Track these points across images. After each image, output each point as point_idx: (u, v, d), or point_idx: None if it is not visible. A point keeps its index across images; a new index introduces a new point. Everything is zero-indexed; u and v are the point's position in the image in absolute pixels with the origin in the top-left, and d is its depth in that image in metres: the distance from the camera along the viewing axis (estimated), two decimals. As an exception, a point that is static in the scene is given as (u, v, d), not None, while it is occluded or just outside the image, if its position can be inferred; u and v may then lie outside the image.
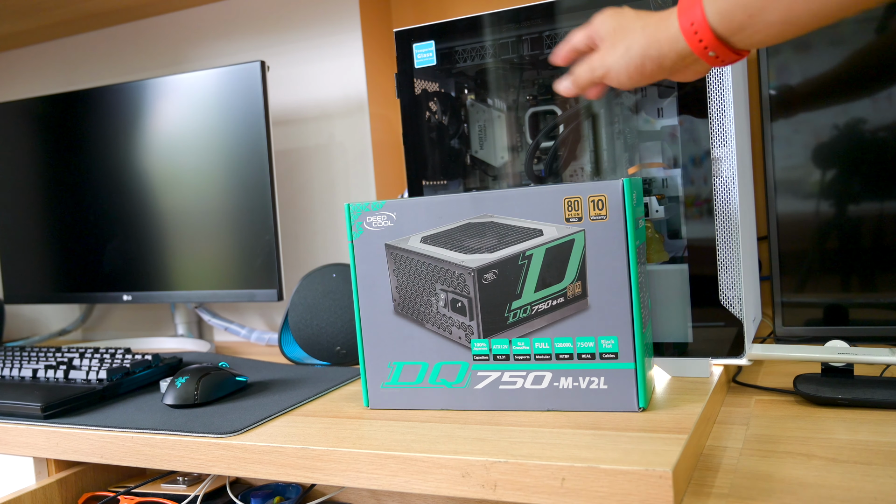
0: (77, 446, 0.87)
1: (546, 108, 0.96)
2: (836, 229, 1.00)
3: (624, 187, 0.71)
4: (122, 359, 1.08)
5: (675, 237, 0.87)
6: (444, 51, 0.95)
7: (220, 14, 1.45)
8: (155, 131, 1.37)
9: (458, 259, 0.78)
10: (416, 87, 0.97)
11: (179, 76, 1.33)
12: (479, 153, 1.00)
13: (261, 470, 0.76)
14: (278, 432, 0.78)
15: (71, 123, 1.45)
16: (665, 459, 0.60)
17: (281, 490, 1.00)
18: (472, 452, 0.66)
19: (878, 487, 0.59)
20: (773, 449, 0.69)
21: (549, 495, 0.62)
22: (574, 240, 0.74)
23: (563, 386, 0.75)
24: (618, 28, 0.64)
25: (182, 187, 1.35)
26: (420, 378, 0.81)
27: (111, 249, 1.44)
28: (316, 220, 1.41)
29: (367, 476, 0.70)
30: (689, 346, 0.84)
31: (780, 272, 1.03)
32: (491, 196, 0.77)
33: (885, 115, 0.97)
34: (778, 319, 1.04)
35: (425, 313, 0.80)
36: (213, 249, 1.33)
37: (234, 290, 1.31)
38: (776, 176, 1.02)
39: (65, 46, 1.63)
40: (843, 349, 0.82)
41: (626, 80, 0.64)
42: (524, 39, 0.91)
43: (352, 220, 0.82)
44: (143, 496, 0.98)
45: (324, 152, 1.39)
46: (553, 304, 0.75)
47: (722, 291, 0.81)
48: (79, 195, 1.46)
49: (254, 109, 1.26)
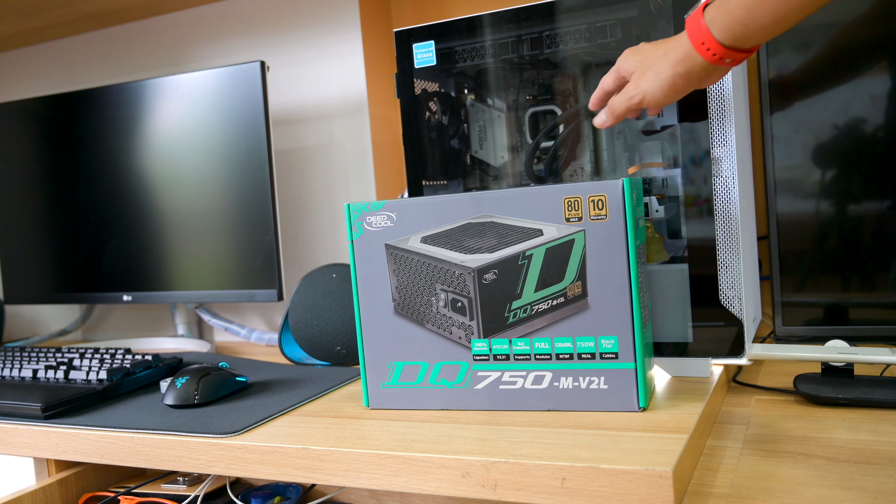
0: (77, 446, 0.87)
1: (546, 107, 0.96)
2: (836, 229, 1.00)
3: (624, 187, 0.72)
4: (122, 359, 1.08)
5: (675, 237, 0.87)
6: (443, 51, 0.95)
7: (220, 14, 1.45)
8: (155, 131, 1.37)
9: (459, 259, 0.78)
10: (415, 87, 0.97)
11: (179, 76, 1.33)
12: (478, 153, 1.00)
13: (261, 470, 0.76)
14: (278, 432, 0.78)
15: (71, 124, 1.45)
16: (665, 459, 0.60)
17: (281, 490, 1.00)
18: (473, 452, 0.66)
19: (878, 487, 0.59)
20: (773, 449, 0.69)
21: (549, 495, 0.62)
22: (574, 240, 0.74)
23: (564, 386, 0.75)
24: (641, 60, 0.72)
25: (182, 187, 1.35)
26: (420, 378, 0.81)
27: (111, 249, 1.44)
28: (316, 220, 1.41)
29: (367, 476, 0.70)
30: (689, 345, 0.84)
31: (780, 272, 1.03)
32: (491, 196, 0.77)
33: (885, 114, 0.97)
34: (778, 319, 1.04)
35: (425, 313, 0.80)
36: (213, 249, 1.33)
37: (234, 291, 1.31)
38: (776, 176, 1.02)
39: (65, 47, 1.63)
40: (843, 349, 0.82)
41: (662, 99, 0.72)
42: (524, 39, 0.91)
43: (352, 220, 0.82)
44: (143, 496, 0.98)
45: (324, 152, 1.39)
46: (553, 303, 0.75)
47: (722, 291, 0.81)
48: (79, 195, 1.46)
49: (254, 109, 1.26)
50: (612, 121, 0.77)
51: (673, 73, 0.70)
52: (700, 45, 0.68)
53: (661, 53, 0.71)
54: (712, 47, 0.67)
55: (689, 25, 0.69)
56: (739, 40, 0.66)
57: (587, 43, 0.88)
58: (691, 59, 0.69)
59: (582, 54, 0.91)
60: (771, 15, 0.63)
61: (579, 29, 0.88)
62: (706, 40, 0.67)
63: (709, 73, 0.70)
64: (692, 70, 0.69)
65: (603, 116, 0.77)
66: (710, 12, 0.67)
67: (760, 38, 0.66)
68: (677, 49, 0.70)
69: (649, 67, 0.71)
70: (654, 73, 0.71)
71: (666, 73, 0.70)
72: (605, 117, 0.77)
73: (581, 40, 0.88)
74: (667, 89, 0.71)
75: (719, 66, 0.69)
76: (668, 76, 0.70)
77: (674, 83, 0.70)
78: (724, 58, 0.68)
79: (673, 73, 0.70)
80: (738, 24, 0.65)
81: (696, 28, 0.68)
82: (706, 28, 0.67)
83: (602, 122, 0.78)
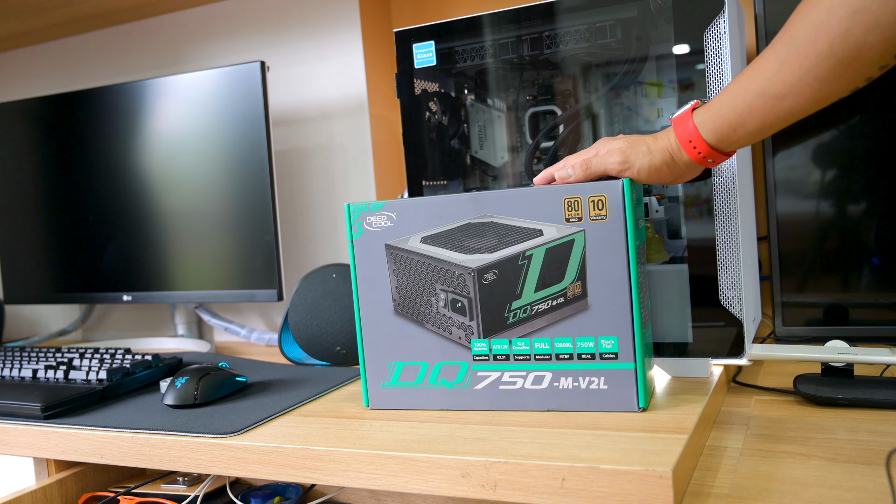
0: (77, 446, 0.87)
1: (546, 108, 0.96)
2: (836, 229, 1.00)
3: (624, 187, 0.72)
4: (122, 359, 1.08)
5: (675, 237, 0.87)
6: (443, 51, 0.95)
7: (220, 14, 1.45)
8: (155, 131, 1.37)
9: (458, 259, 0.78)
10: (415, 87, 0.97)
11: (179, 76, 1.33)
12: (478, 153, 1.00)
13: (261, 470, 0.76)
14: (278, 432, 0.78)
15: (71, 124, 1.45)
16: (665, 460, 0.60)
17: (281, 490, 1.00)
18: (473, 453, 0.66)
19: (878, 487, 0.59)
20: (773, 449, 0.69)
21: (549, 495, 0.62)
22: (574, 240, 0.74)
23: (563, 386, 0.75)
24: (630, 140, 0.75)
25: (182, 187, 1.35)
26: (420, 378, 0.81)
27: (111, 250, 1.44)
28: (316, 220, 1.41)
29: (367, 476, 0.70)
30: (689, 346, 0.84)
31: (780, 272, 1.03)
32: (491, 196, 0.77)
33: (885, 114, 0.97)
34: (778, 319, 1.04)
35: (425, 313, 0.80)
36: (213, 250, 1.33)
37: (234, 291, 1.31)
38: (776, 176, 1.02)
39: (65, 47, 1.63)
40: (843, 349, 0.82)
41: (646, 175, 0.74)
42: (524, 39, 0.91)
43: (352, 220, 0.82)
44: (143, 496, 0.98)
45: (324, 152, 1.39)
46: (553, 304, 0.75)
47: (722, 291, 0.81)
48: (79, 195, 1.46)
49: (254, 110, 1.26)
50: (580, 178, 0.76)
51: (662, 158, 0.73)
52: (687, 143, 0.72)
53: (651, 139, 0.75)
54: (699, 146, 0.71)
55: (677, 126, 0.73)
56: (724, 142, 0.71)
57: (587, 43, 0.88)
58: (676, 151, 0.73)
59: (582, 54, 0.91)
60: (760, 121, 0.67)
61: (579, 29, 0.88)
62: (694, 139, 0.71)
63: (689, 170, 0.74)
64: (676, 163, 0.73)
65: (570, 171, 0.76)
66: (700, 115, 0.71)
67: (745, 142, 0.71)
68: (664, 142, 0.74)
69: (640, 144, 0.74)
70: (646, 150, 0.74)
71: (657, 156, 0.73)
72: (571, 172, 0.76)
73: (581, 41, 0.88)
74: (654, 169, 0.73)
75: (701, 164, 0.73)
76: (659, 159, 0.73)
77: (661, 167, 0.73)
78: (708, 157, 0.72)
79: (662, 158, 0.73)
80: (726, 128, 0.69)
81: (684, 128, 0.72)
82: (695, 129, 0.71)
83: (567, 176, 0.76)
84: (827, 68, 0.62)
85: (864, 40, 0.60)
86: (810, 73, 0.63)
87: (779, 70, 0.65)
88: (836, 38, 0.61)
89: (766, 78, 0.66)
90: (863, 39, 0.60)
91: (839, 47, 0.61)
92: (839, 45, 0.61)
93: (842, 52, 0.61)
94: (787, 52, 0.64)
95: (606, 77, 0.92)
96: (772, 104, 0.66)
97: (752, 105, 0.67)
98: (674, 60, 0.83)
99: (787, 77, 0.64)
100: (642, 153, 0.74)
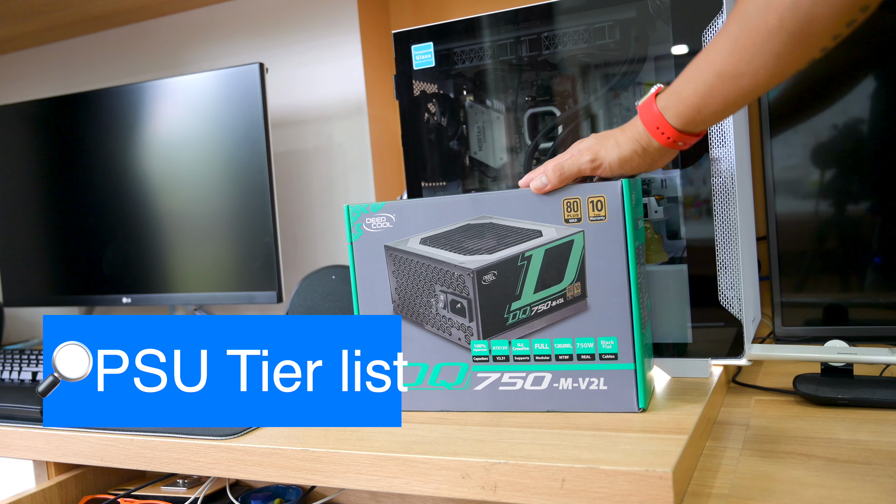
0: (77, 449, 0.86)
1: (545, 108, 0.96)
2: (836, 229, 1.00)
3: (623, 188, 0.72)
4: (121, 361, 1.07)
5: (675, 238, 0.87)
6: (442, 52, 0.95)
7: (219, 16, 1.45)
8: (154, 134, 1.37)
9: (458, 260, 0.78)
10: (414, 88, 0.97)
11: (178, 79, 1.33)
12: (477, 154, 1.00)
13: (261, 472, 0.76)
14: (278, 434, 0.78)
15: (70, 126, 1.45)
16: (665, 460, 0.60)
17: (281, 492, 1.00)
18: (472, 454, 0.66)
19: (878, 487, 0.59)
20: (773, 449, 0.69)
21: (549, 496, 0.62)
22: (573, 241, 0.74)
23: (563, 387, 0.75)
24: (599, 137, 0.76)
25: (181, 190, 1.35)
26: (420, 379, 0.81)
27: (110, 252, 1.43)
28: (315, 221, 1.41)
29: (367, 478, 0.70)
30: (688, 346, 0.84)
31: (779, 272, 1.03)
32: (490, 197, 0.77)
33: (884, 114, 0.97)
34: (777, 319, 1.04)
35: (425, 315, 0.80)
36: (213, 252, 1.33)
37: (234, 293, 1.31)
38: (775, 176, 1.02)
39: (64, 49, 1.63)
40: (843, 349, 0.82)
41: (617, 168, 0.74)
42: (522, 40, 0.91)
43: (351, 221, 0.82)
44: (143, 499, 0.98)
45: (323, 154, 1.39)
46: (552, 304, 0.75)
47: (721, 292, 0.81)
48: (78, 198, 1.46)
49: (253, 112, 1.26)
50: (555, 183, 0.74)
51: (632, 149, 0.73)
52: (655, 129, 0.72)
53: (619, 132, 0.75)
54: (667, 131, 0.71)
55: (643, 112, 0.73)
56: (691, 125, 0.70)
57: (586, 44, 0.88)
58: (646, 139, 0.73)
59: (581, 55, 0.91)
60: (721, 101, 0.67)
61: (578, 30, 0.88)
62: (660, 125, 0.71)
63: (661, 154, 0.74)
64: (647, 150, 0.73)
65: (544, 179, 0.74)
66: (663, 100, 0.71)
67: (712, 121, 0.71)
68: (633, 132, 0.74)
69: (609, 138, 0.75)
70: (614, 143, 0.74)
71: (626, 147, 0.73)
72: (546, 180, 0.75)
73: (580, 41, 0.88)
74: (624, 160, 0.73)
75: (672, 148, 0.73)
76: (628, 149, 0.73)
77: (631, 157, 0.73)
78: (678, 140, 0.72)
79: (632, 148, 0.73)
80: (691, 111, 0.69)
81: (649, 114, 0.72)
82: (660, 114, 0.71)
83: (543, 185, 0.74)
84: (779, 43, 0.61)
85: (814, 12, 0.58)
86: (763, 49, 0.62)
87: (733, 49, 0.64)
88: (786, 12, 0.59)
89: (721, 58, 0.65)
90: (812, 11, 0.58)
91: (789, 21, 0.59)
92: (789, 20, 0.59)
93: (792, 26, 0.59)
94: (740, 30, 0.63)
95: (605, 78, 0.92)
96: (731, 83, 0.65)
97: (713, 86, 0.66)
98: (672, 61, 0.83)
99: (741, 55, 0.63)
100: (610, 147, 0.74)
